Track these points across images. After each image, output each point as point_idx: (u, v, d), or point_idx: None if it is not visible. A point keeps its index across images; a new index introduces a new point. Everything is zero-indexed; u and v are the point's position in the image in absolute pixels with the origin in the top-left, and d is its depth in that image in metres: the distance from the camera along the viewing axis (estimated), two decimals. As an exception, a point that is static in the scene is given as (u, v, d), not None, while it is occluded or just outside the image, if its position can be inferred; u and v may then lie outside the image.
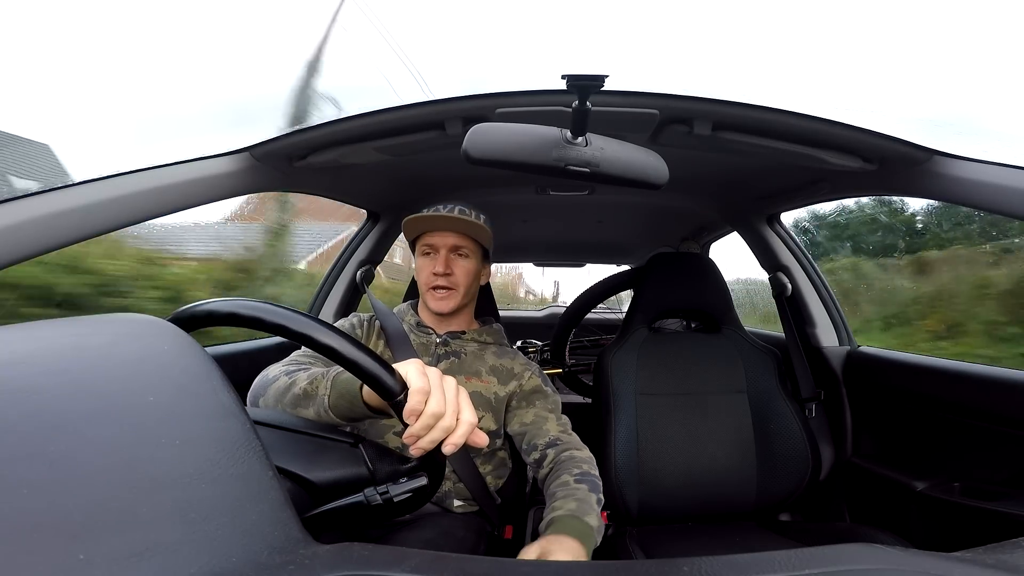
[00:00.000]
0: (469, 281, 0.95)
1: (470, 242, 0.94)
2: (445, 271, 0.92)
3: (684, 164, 0.98)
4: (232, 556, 0.25)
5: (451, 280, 0.93)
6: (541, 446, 0.87)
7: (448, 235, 0.93)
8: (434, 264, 0.92)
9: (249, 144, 0.82)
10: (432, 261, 0.93)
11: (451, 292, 0.93)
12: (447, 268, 0.92)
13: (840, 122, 0.75)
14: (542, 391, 0.96)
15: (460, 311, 0.98)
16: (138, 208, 0.67)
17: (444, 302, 0.93)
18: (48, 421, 0.26)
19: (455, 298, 0.94)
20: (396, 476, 0.54)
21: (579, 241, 2.08)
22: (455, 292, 0.93)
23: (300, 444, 0.53)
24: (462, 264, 0.94)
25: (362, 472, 0.53)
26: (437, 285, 0.92)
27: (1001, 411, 0.87)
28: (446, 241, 0.93)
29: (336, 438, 0.55)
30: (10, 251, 0.56)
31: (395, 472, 0.54)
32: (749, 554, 0.31)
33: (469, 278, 0.94)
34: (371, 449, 0.55)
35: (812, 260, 1.35)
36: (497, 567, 0.30)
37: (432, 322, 0.99)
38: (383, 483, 0.53)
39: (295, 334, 0.45)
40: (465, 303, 0.97)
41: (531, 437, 0.89)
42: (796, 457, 1.08)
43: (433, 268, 0.92)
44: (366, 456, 0.54)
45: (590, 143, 0.56)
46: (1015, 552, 0.32)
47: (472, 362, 0.96)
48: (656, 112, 0.75)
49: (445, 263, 0.92)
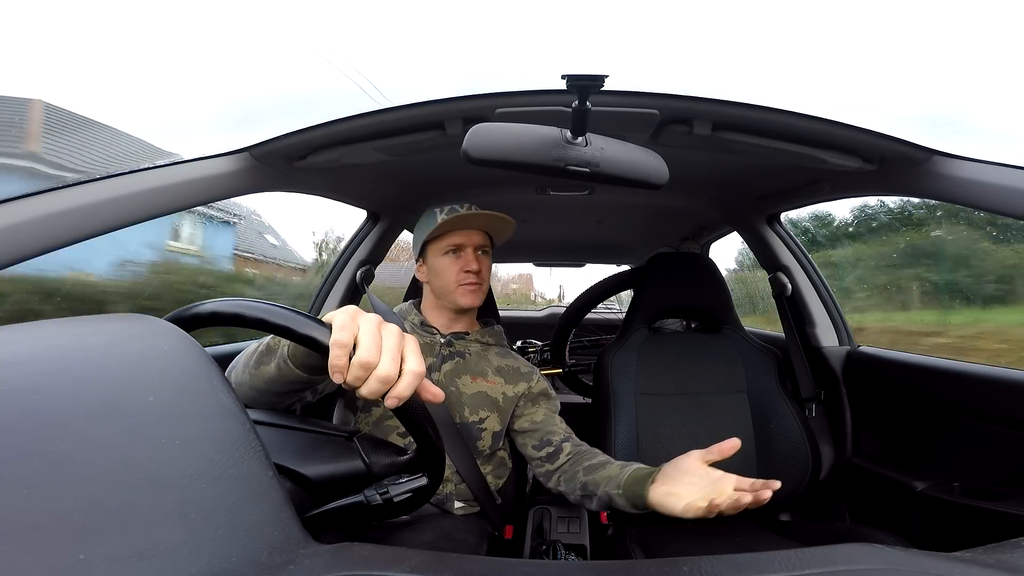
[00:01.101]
0: (489, 277, 0.99)
1: (489, 241, 0.99)
2: (477, 268, 0.95)
3: (684, 164, 0.97)
4: (232, 556, 0.25)
5: (480, 276, 0.96)
6: (557, 440, 0.92)
7: (475, 234, 0.96)
8: (463, 262, 0.95)
9: (249, 144, 0.82)
10: (459, 259, 0.95)
11: (480, 287, 0.96)
12: (478, 265, 0.95)
13: (840, 122, 0.75)
14: (548, 394, 1.00)
15: (470, 310, 1.00)
16: (138, 208, 0.67)
17: (476, 296, 0.96)
18: (48, 421, 0.26)
19: (483, 292, 0.97)
20: (393, 468, 0.54)
21: (579, 241, 2.08)
22: (483, 287, 0.97)
23: (294, 440, 0.52)
24: (485, 261, 0.98)
25: (358, 465, 0.52)
26: (472, 281, 0.95)
27: (1001, 411, 0.87)
28: (473, 240, 0.96)
29: (331, 432, 0.55)
30: (10, 251, 0.56)
31: (392, 464, 0.54)
32: (749, 554, 0.31)
33: (489, 274, 0.99)
34: (366, 442, 0.55)
35: (812, 260, 1.35)
36: (497, 567, 0.30)
37: (437, 322, 0.99)
38: (380, 476, 0.53)
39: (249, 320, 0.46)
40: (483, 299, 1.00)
41: (544, 434, 0.93)
42: (796, 457, 1.08)
43: (465, 266, 0.94)
44: (361, 449, 0.53)
45: (590, 143, 0.56)
46: (1015, 552, 0.32)
47: (477, 362, 0.97)
48: (656, 112, 0.75)
49: (477, 260, 0.95)
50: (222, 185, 0.80)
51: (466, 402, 0.92)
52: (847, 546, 0.31)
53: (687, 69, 27.87)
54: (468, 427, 0.91)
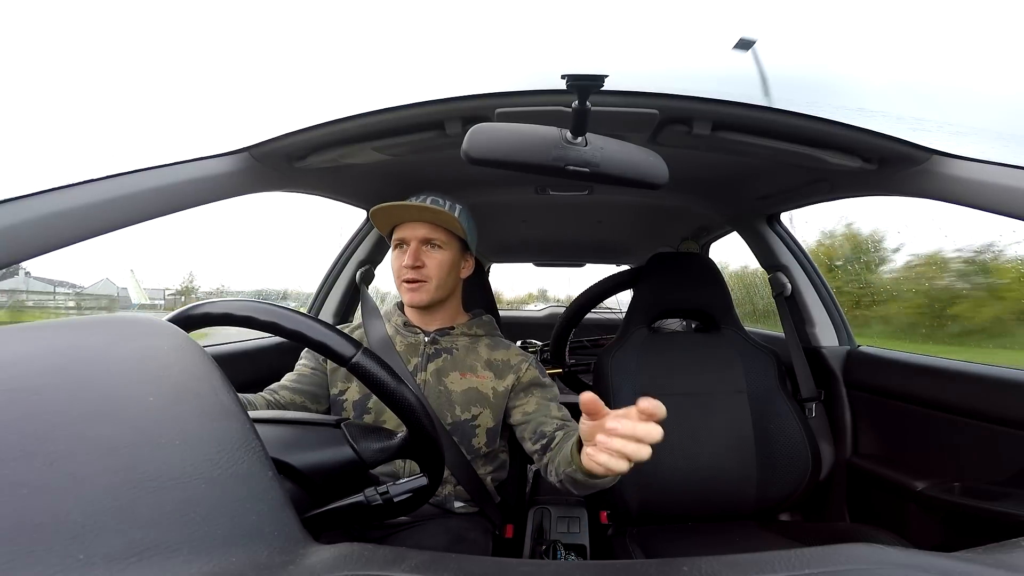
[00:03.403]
0: (443, 274, 0.91)
1: (443, 233, 0.91)
2: (414, 263, 0.88)
3: (684, 164, 0.97)
4: (232, 556, 0.25)
5: (422, 273, 0.89)
6: (550, 431, 0.84)
7: (418, 226, 0.90)
8: (404, 257, 0.89)
9: (249, 144, 0.82)
10: (403, 254, 0.90)
11: (422, 285, 0.90)
12: (416, 260, 0.89)
13: (840, 122, 0.75)
14: (540, 382, 0.94)
15: (441, 305, 0.95)
16: (138, 208, 0.67)
17: (416, 294, 0.90)
18: (48, 421, 0.26)
19: (427, 291, 0.90)
20: (384, 454, 0.54)
21: (579, 241, 2.08)
22: (427, 285, 0.90)
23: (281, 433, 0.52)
24: (434, 256, 0.90)
25: (347, 452, 0.52)
26: (408, 278, 0.89)
27: (1001, 411, 0.87)
28: (416, 233, 0.89)
29: (318, 422, 0.55)
30: (10, 251, 0.56)
31: (383, 449, 0.54)
32: (749, 554, 0.31)
33: (443, 270, 0.91)
34: (354, 428, 0.54)
35: (811, 260, 1.35)
36: (497, 567, 0.30)
37: (418, 321, 0.96)
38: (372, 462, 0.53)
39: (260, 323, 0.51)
40: (442, 296, 0.93)
41: (537, 425, 0.87)
42: (796, 457, 1.08)
43: (403, 261, 0.89)
44: (349, 436, 0.53)
45: (590, 143, 0.56)
46: (1015, 552, 0.32)
47: (465, 357, 0.93)
48: (656, 112, 0.75)
49: (415, 255, 0.89)
50: (222, 185, 0.80)
51: (456, 400, 0.89)
52: (847, 546, 0.31)
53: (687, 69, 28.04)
54: (461, 425, 0.89)
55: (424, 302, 0.91)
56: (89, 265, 2.31)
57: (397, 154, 0.89)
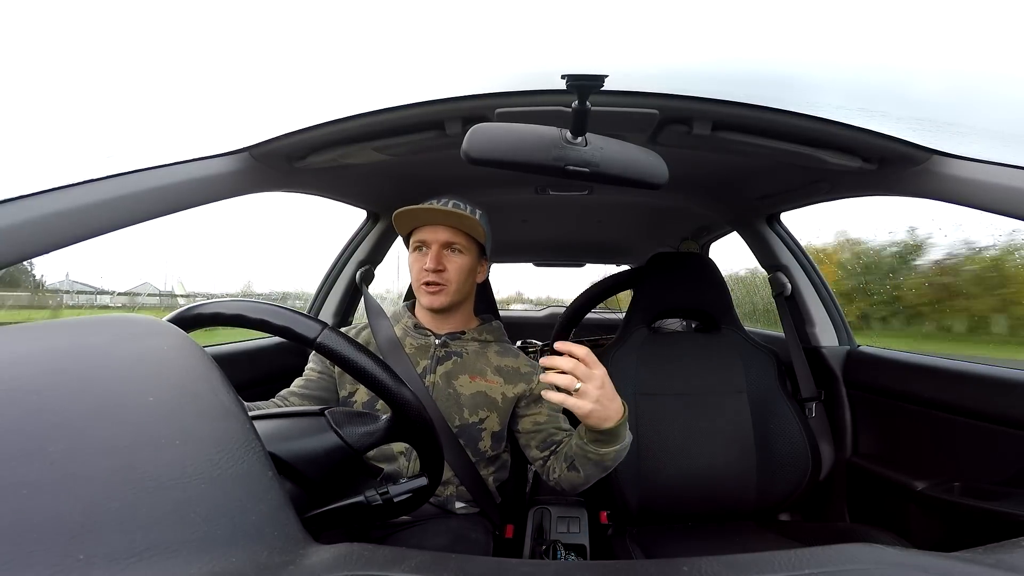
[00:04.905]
0: (462, 278, 0.91)
1: (463, 237, 0.91)
2: (436, 267, 0.88)
3: (684, 164, 0.97)
4: (232, 556, 0.25)
5: (443, 276, 0.89)
6: (558, 439, 0.88)
7: (440, 230, 0.89)
8: (425, 260, 0.89)
9: (249, 144, 0.82)
10: (423, 257, 0.90)
11: (442, 288, 0.90)
12: (438, 264, 0.89)
13: (840, 122, 0.75)
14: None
15: (456, 309, 0.95)
16: (138, 208, 0.67)
17: (436, 297, 0.90)
18: (48, 421, 0.26)
19: (447, 294, 0.90)
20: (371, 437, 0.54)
21: (579, 241, 2.08)
22: (446, 288, 0.90)
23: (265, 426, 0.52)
24: (455, 260, 0.90)
25: (332, 439, 0.52)
26: (428, 281, 0.89)
27: (1001, 411, 0.87)
28: (438, 236, 0.89)
29: (300, 412, 0.55)
30: (10, 251, 0.56)
31: (369, 433, 0.54)
32: (749, 554, 0.31)
33: (462, 275, 0.91)
34: (338, 415, 0.54)
35: (811, 260, 1.35)
36: (497, 567, 0.30)
37: (430, 323, 0.96)
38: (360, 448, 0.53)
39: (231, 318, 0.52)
40: (459, 300, 0.93)
41: (548, 435, 0.89)
42: (796, 457, 1.08)
43: (424, 264, 0.89)
44: (333, 422, 0.53)
45: (590, 143, 0.56)
46: (1015, 552, 0.32)
47: (475, 361, 0.94)
48: (656, 112, 0.75)
49: (436, 259, 0.88)
50: (222, 185, 0.80)
51: (465, 403, 0.90)
52: (847, 546, 0.31)
53: (687, 69, 27.84)
54: (469, 428, 0.89)
55: (443, 305, 0.91)
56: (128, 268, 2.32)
57: (397, 154, 0.89)
